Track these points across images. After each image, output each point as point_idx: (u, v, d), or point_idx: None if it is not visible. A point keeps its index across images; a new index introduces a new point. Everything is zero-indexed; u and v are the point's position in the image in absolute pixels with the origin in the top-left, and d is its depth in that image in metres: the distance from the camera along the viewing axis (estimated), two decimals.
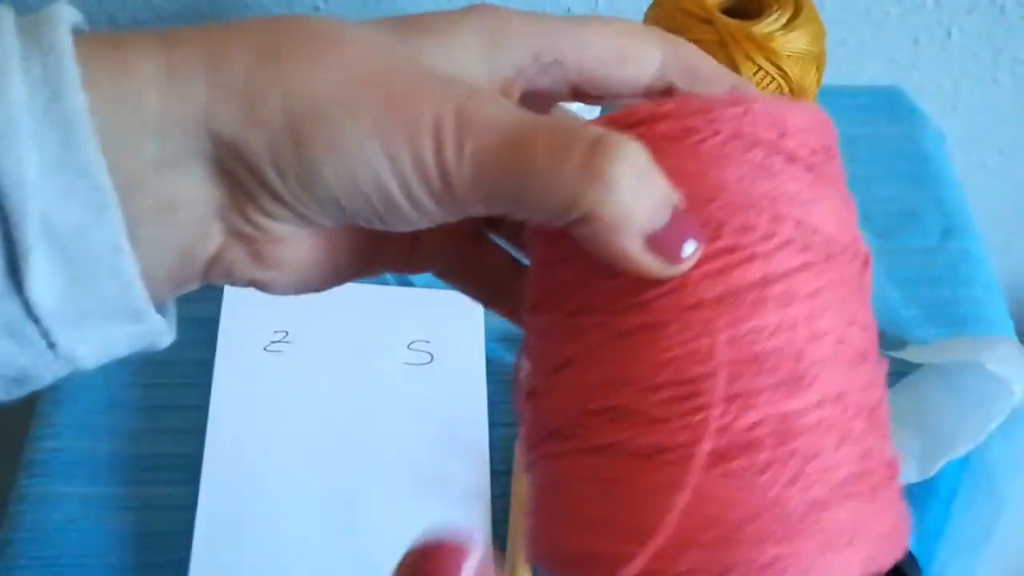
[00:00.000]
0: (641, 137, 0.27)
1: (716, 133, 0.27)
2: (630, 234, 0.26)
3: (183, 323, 0.32)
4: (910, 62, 1.04)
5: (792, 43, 0.73)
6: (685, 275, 0.27)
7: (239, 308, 0.71)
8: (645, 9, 0.78)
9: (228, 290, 0.71)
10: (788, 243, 0.27)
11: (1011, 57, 1.05)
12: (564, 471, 0.28)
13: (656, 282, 0.27)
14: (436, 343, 0.70)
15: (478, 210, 0.28)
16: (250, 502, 0.64)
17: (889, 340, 0.76)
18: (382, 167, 0.27)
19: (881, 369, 0.29)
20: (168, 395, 0.69)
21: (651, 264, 0.27)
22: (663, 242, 0.26)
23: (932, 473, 0.63)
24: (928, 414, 0.66)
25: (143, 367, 0.69)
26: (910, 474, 0.63)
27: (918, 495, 0.64)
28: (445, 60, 0.29)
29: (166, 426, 0.68)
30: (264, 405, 0.68)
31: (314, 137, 0.27)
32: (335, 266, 0.31)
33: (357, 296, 0.72)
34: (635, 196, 0.26)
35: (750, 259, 0.27)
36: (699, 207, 0.27)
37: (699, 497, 0.26)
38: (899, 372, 0.71)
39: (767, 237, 0.27)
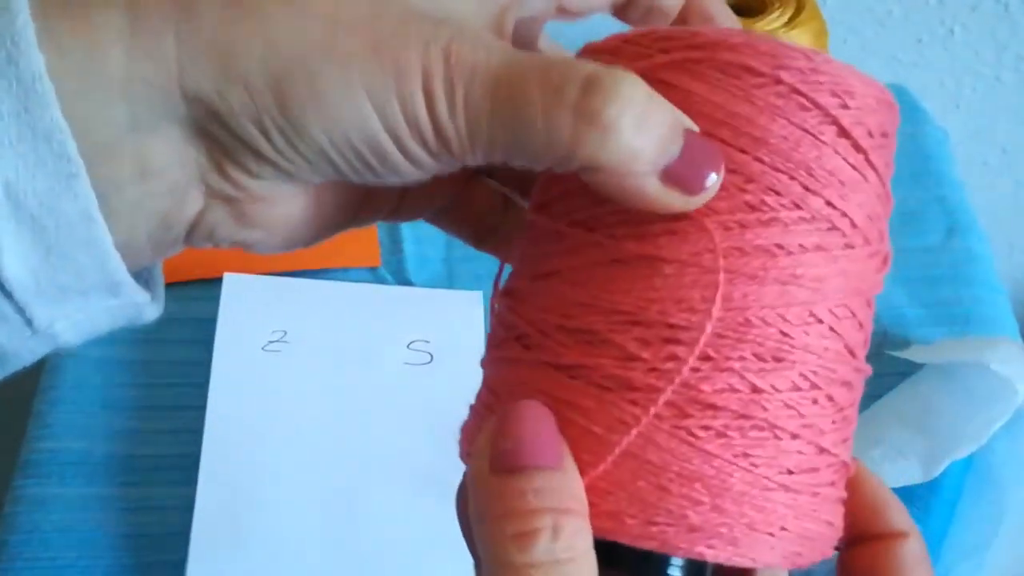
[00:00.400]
0: (700, 63, 0.26)
1: (778, 82, 0.26)
2: (641, 174, 0.25)
3: (181, 323, 0.31)
4: (913, 60, 1.04)
5: (794, 41, 0.73)
6: (699, 218, 0.26)
7: (237, 308, 0.71)
8: None
9: (226, 290, 0.71)
10: (811, 220, 0.26)
11: (1014, 55, 1.04)
12: (518, 378, 0.27)
13: (666, 215, 0.26)
14: (436, 343, 0.70)
15: (476, 160, 0.26)
16: (248, 503, 0.63)
17: (892, 340, 0.75)
18: (372, 122, 0.25)
19: (864, 373, 0.29)
20: (165, 395, 0.68)
21: (671, 199, 0.25)
22: (680, 174, 0.25)
23: (936, 474, 0.62)
24: (932, 414, 0.66)
25: (140, 367, 0.69)
26: (914, 475, 0.63)
27: (922, 496, 0.64)
28: None
29: (163, 426, 0.67)
30: (262, 405, 0.67)
31: (298, 91, 0.25)
32: (322, 220, 0.30)
33: (357, 296, 0.72)
34: (637, 134, 0.25)
35: (768, 223, 0.26)
36: (736, 152, 0.26)
37: (645, 443, 0.25)
38: (902, 372, 0.70)
39: (792, 207, 0.26)
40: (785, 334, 0.26)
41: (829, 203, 0.26)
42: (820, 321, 0.26)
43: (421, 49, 0.25)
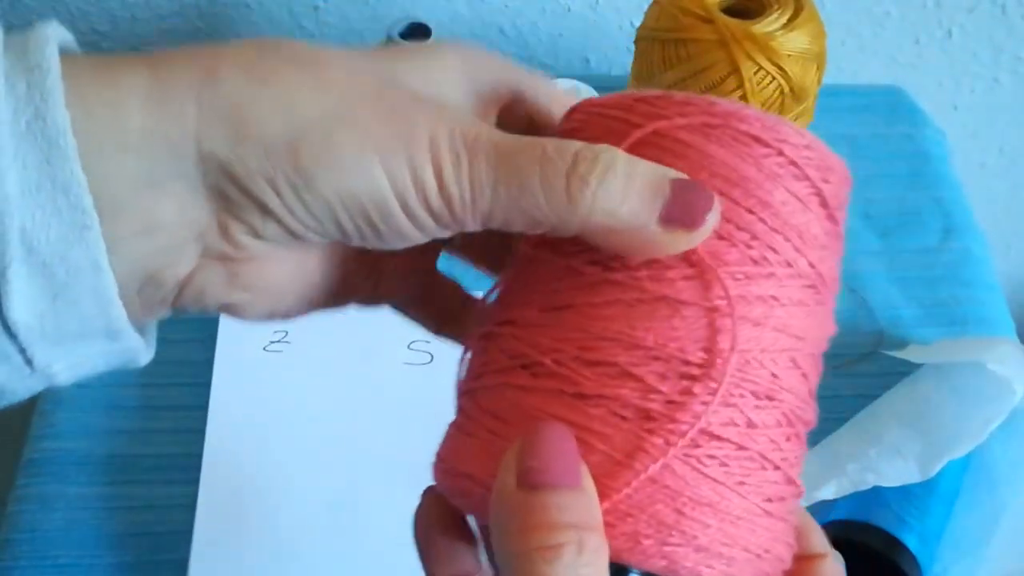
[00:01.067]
0: (716, 128, 0.29)
1: (780, 153, 0.29)
2: (637, 228, 0.27)
3: (183, 323, 0.32)
4: (910, 61, 1.04)
5: (792, 42, 0.73)
6: (713, 267, 0.28)
7: None
8: (645, 8, 0.78)
9: None
10: (798, 276, 0.29)
11: (1012, 56, 1.05)
12: (532, 405, 0.28)
13: (682, 260, 0.28)
14: (436, 343, 0.70)
15: (474, 224, 0.28)
16: (250, 502, 0.64)
17: (890, 340, 0.76)
18: (382, 183, 0.27)
19: (814, 411, 0.31)
20: (168, 395, 0.69)
21: (675, 239, 0.28)
22: (674, 215, 0.27)
23: (933, 473, 0.63)
24: (929, 414, 0.66)
25: (143, 367, 0.69)
26: (911, 474, 0.63)
27: (919, 496, 0.64)
28: (425, 84, 0.30)
29: (166, 426, 0.67)
30: (264, 405, 0.68)
31: (313, 151, 0.27)
32: (306, 292, 0.31)
33: None
34: (624, 197, 0.27)
35: (768, 277, 0.28)
36: (745, 212, 0.28)
37: (663, 469, 0.28)
38: (900, 372, 0.71)
39: (785, 265, 0.29)
40: (775, 376, 0.29)
41: (811, 264, 0.29)
42: (798, 367, 0.29)
43: (429, 123, 0.27)
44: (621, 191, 0.27)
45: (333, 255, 0.32)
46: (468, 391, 0.31)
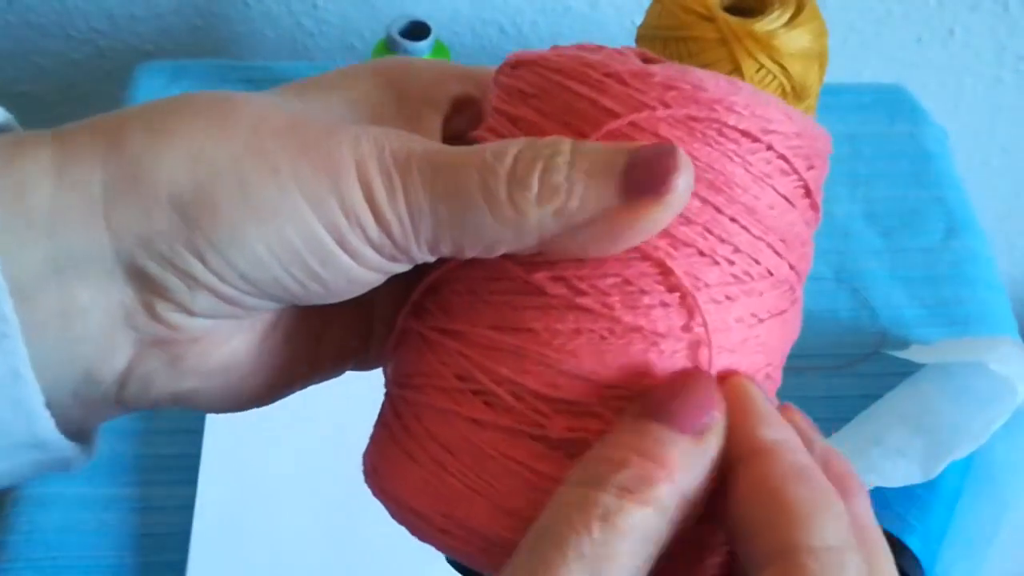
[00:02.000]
0: (700, 121, 0.26)
1: (769, 148, 0.26)
2: (597, 217, 0.24)
3: None
4: (912, 60, 1.04)
5: (794, 41, 0.73)
6: (689, 291, 0.25)
7: None
8: (646, 6, 0.78)
9: None
10: (777, 285, 0.27)
11: (1014, 55, 1.04)
12: (487, 444, 0.26)
13: (659, 282, 0.25)
14: None
15: (422, 252, 0.25)
16: (248, 502, 0.63)
17: (892, 340, 0.75)
18: (309, 219, 0.24)
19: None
20: None
21: (646, 217, 0.24)
22: (635, 184, 0.24)
23: (935, 474, 0.62)
24: (931, 414, 0.66)
25: None
26: (913, 474, 0.63)
27: (921, 496, 0.64)
28: (345, 110, 0.27)
29: (164, 426, 0.67)
30: None
31: (230, 199, 0.24)
32: (268, 370, 0.28)
33: None
34: (569, 187, 0.24)
35: (750, 293, 0.26)
36: (728, 220, 0.26)
37: None
38: (902, 372, 0.70)
39: (767, 275, 0.26)
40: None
41: (791, 265, 0.27)
42: (771, 379, 0.27)
43: (351, 144, 0.24)
44: (564, 181, 0.24)
45: (287, 321, 0.28)
46: (401, 392, 0.28)
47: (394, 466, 0.28)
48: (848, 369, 0.73)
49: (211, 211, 0.24)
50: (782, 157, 0.26)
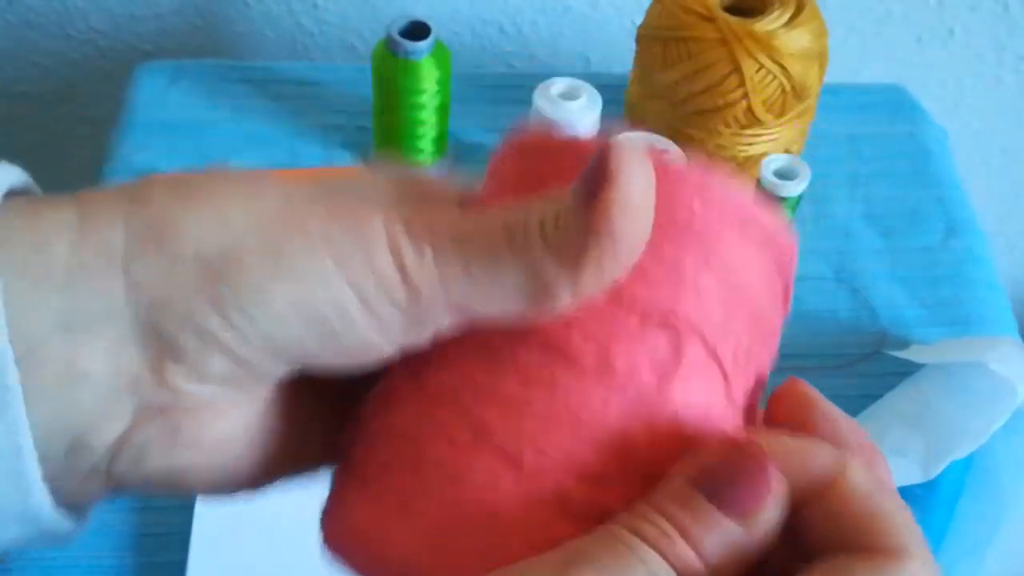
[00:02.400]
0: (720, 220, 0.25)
1: (785, 291, 0.27)
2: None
3: None
4: (912, 60, 1.04)
5: (794, 41, 0.73)
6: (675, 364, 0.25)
7: None
8: (646, 6, 0.78)
9: None
10: (740, 357, 0.26)
11: (1014, 55, 1.04)
12: (513, 510, 0.25)
13: (639, 357, 0.24)
14: None
15: (446, 318, 0.25)
16: (248, 502, 0.63)
17: (892, 340, 0.75)
18: (338, 282, 0.24)
19: None
20: None
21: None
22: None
23: (936, 474, 0.62)
24: (931, 414, 0.66)
25: None
26: (914, 474, 0.63)
27: (922, 496, 0.64)
28: (372, 193, 0.27)
29: None
30: None
31: (257, 256, 0.24)
32: (262, 449, 0.28)
33: None
34: (612, 262, 0.24)
35: (724, 376, 0.25)
36: (724, 310, 0.25)
37: None
38: (902, 372, 0.70)
39: (736, 354, 0.26)
40: None
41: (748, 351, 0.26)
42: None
43: (380, 214, 0.24)
44: (607, 258, 0.23)
45: (283, 405, 0.28)
46: (396, 434, 0.27)
47: (389, 525, 0.28)
48: (848, 369, 0.73)
49: (237, 267, 0.24)
50: (785, 299, 0.27)
